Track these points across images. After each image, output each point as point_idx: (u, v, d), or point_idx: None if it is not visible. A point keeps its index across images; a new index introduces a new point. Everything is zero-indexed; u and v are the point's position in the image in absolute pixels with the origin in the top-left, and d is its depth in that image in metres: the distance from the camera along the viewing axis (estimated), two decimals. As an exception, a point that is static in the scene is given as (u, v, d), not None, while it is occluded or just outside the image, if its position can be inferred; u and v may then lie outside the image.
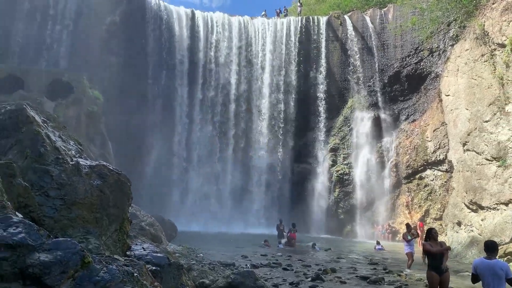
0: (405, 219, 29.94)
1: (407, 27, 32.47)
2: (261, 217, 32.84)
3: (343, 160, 33.35)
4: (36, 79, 27.14)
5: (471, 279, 7.44)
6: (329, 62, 35.27)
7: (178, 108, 34.24)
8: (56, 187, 8.19)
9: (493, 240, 7.81)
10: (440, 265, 9.11)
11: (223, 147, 34.58)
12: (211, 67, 35.38)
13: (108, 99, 30.13)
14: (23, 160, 8.34)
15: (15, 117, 8.63)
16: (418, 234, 22.25)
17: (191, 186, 33.31)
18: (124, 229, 9.23)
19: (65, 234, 7.77)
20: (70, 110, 27.13)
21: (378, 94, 33.81)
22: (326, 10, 39.41)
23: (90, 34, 31.79)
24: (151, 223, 17.88)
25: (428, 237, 9.57)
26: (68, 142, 9.64)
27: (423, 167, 29.92)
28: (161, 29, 34.59)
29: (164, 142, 32.65)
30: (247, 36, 36.43)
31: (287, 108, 35.20)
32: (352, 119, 33.83)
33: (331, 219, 32.41)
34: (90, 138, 27.76)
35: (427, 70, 31.65)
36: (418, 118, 31.50)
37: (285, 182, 34.12)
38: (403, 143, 31.38)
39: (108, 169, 9.23)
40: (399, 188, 31.24)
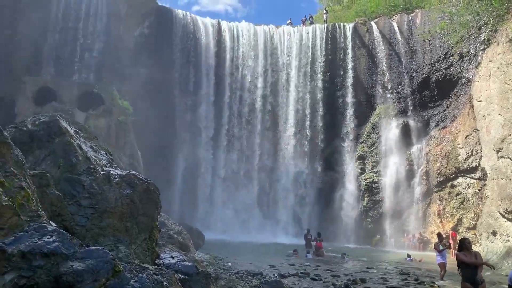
0: (437, 228, 29.14)
1: (436, 32, 31.87)
2: (289, 227, 32.66)
3: (371, 168, 32.84)
4: (68, 91, 27.97)
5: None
6: (356, 69, 34.95)
7: (204, 117, 34.56)
8: (88, 196, 8.36)
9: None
10: (475, 277, 8.79)
11: (250, 156, 34.64)
12: (237, 76, 35.64)
13: (137, 109, 30.73)
14: (56, 170, 8.56)
15: (49, 128, 8.88)
16: (451, 244, 21.62)
17: (218, 195, 33.45)
18: (153, 238, 9.33)
19: (96, 243, 7.91)
20: (101, 121, 27.79)
21: (406, 100, 33.22)
22: (352, 17, 39.17)
23: (120, 46, 32.60)
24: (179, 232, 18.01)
25: (461, 247, 9.28)
26: (99, 152, 9.85)
27: (454, 174, 29.13)
28: (188, 39, 35.14)
29: (191, 151, 32.99)
30: (273, 45, 36.56)
31: (314, 116, 35.00)
32: (380, 126, 33.32)
33: (359, 228, 31.89)
34: (120, 148, 28.32)
35: (457, 76, 30.93)
36: (448, 125, 30.74)
37: (313, 190, 33.84)
38: (434, 150, 30.67)
39: (137, 178, 9.37)
40: (430, 197, 30.49)
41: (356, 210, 32.30)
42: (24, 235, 4.54)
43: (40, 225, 4.80)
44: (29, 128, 8.84)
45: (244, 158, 34.60)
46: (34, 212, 5.12)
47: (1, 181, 4.87)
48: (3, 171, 4.98)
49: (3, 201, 4.62)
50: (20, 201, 4.97)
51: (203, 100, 34.66)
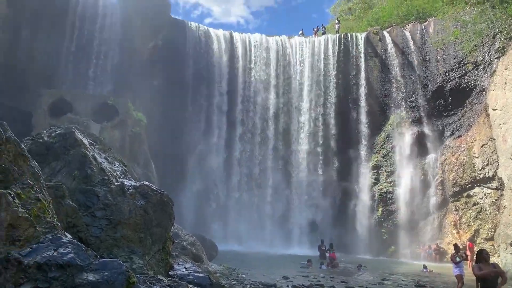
0: (453, 239, 28.66)
1: (449, 40, 31.66)
2: (303, 237, 32.41)
3: (386, 178, 32.52)
4: (83, 103, 28.37)
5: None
6: (369, 79, 34.82)
7: (217, 127, 34.69)
8: (102, 208, 8.43)
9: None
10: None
11: (263, 167, 34.60)
12: (249, 86, 35.78)
13: (151, 120, 31.06)
14: (72, 181, 8.66)
15: (64, 140, 9.01)
16: (468, 255, 21.22)
17: (232, 206, 33.40)
18: (167, 249, 9.35)
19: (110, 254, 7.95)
20: (115, 132, 28.09)
21: (420, 109, 32.94)
22: (364, 27, 39.16)
23: (134, 58, 33.03)
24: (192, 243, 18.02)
25: (479, 258, 9.07)
26: (113, 164, 9.94)
27: (471, 184, 28.67)
28: (200, 51, 35.47)
29: (203, 162, 33.10)
30: (285, 56, 36.68)
31: (327, 126, 34.86)
32: (394, 135, 33.05)
33: (374, 239, 31.49)
34: (134, 159, 28.55)
35: (472, 84, 30.61)
36: (464, 134, 30.35)
37: (327, 201, 33.57)
38: (449, 159, 30.26)
39: (151, 189, 9.43)
40: (445, 207, 30.03)
41: (371, 221, 31.95)
42: (40, 247, 4.59)
43: (55, 237, 4.85)
44: (45, 140, 8.99)
45: (257, 168, 34.57)
46: (50, 223, 5.18)
47: (18, 193, 4.94)
48: (20, 183, 5.06)
49: (20, 213, 4.69)
50: (37, 213, 5.03)
51: (215, 111, 34.82)
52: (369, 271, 21.73)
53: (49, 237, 4.78)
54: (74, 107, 27.93)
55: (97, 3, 33.18)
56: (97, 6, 32.98)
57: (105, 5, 33.60)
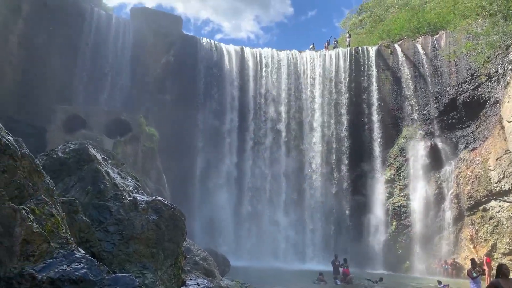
0: (470, 254, 28.07)
1: (461, 52, 31.49)
2: (316, 252, 32.05)
3: (399, 192, 32.13)
4: (96, 119, 28.71)
5: None
6: (381, 91, 34.70)
7: (228, 142, 34.71)
8: (115, 223, 8.45)
9: None
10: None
11: (275, 181, 34.44)
12: (261, 101, 35.87)
13: (163, 135, 31.27)
14: (85, 196, 8.72)
15: (78, 156, 9.10)
16: (485, 270, 20.75)
17: (243, 220, 33.25)
18: (179, 264, 9.30)
19: (122, 269, 7.94)
20: (128, 147, 28.31)
21: (434, 122, 32.66)
22: (375, 40, 39.19)
23: (146, 74, 33.48)
24: (204, 258, 17.92)
25: (498, 273, 8.82)
26: (126, 179, 9.99)
27: (487, 198, 28.17)
28: (212, 66, 35.75)
29: (215, 178, 33.10)
30: (296, 70, 36.78)
31: (340, 140, 34.71)
32: (407, 148, 32.74)
33: (389, 254, 31.01)
34: (146, 173, 28.71)
35: (485, 96, 30.30)
36: (478, 146, 29.94)
37: (340, 215, 33.24)
38: (464, 172, 29.82)
39: (163, 204, 9.44)
40: (461, 221, 29.50)
41: (385, 235, 31.50)
42: (54, 262, 4.61)
43: (69, 252, 4.87)
44: (59, 155, 9.08)
45: (269, 183, 34.43)
46: (64, 238, 5.20)
47: (33, 208, 4.98)
48: (34, 198, 5.11)
49: (34, 228, 4.72)
50: (50, 228, 5.06)
51: (227, 126, 34.90)
52: (384, 287, 21.34)
53: (63, 252, 4.79)
54: (88, 122, 28.27)
55: (111, 20, 33.81)
56: (111, 23, 33.59)
57: (118, 22, 34.22)
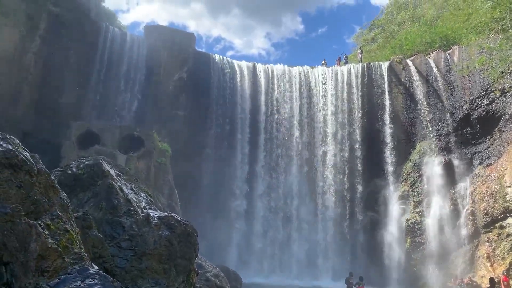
0: (487, 272, 27.43)
1: (475, 67, 31.28)
2: (330, 270, 31.61)
3: (413, 208, 31.68)
4: (110, 134, 29.04)
5: None
6: (394, 107, 34.54)
7: (239, 159, 34.68)
8: (128, 238, 8.46)
9: None
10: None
11: (288, 198, 34.25)
12: (273, 117, 35.94)
13: (175, 150, 31.44)
14: (98, 212, 8.77)
15: (92, 172, 9.18)
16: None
17: (256, 237, 33.01)
18: (191, 281, 9.25)
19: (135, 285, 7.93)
20: (141, 163, 28.51)
21: (448, 137, 32.32)
22: (387, 55, 39.20)
23: (160, 90, 33.89)
24: (216, 274, 17.81)
25: None
26: (139, 194, 10.03)
27: (503, 214, 27.62)
28: (224, 82, 36.05)
29: (226, 195, 33.04)
30: (308, 86, 36.85)
31: (353, 156, 34.46)
32: (421, 164, 32.37)
33: (404, 272, 30.44)
34: (159, 189, 28.82)
35: (500, 111, 29.95)
36: (494, 162, 29.49)
37: (354, 232, 32.82)
38: (479, 189, 29.34)
39: (176, 220, 9.43)
40: (477, 238, 28.92)
41: (399, 252, 30.98)
42: (68, 278, 4.61)
43: (83, 268, 4.87)
44: (74, 171, 9.17)
45: (281, 200, 34.25)
46: (78, 254, 5.21)
47: (48, 224, 5.02)
48: (49, 214, 5.15)
49: (49, 244, 4.74)
50: (65, 244, 5.08)
51: (238, 143, 34.97)
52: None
53: (77, 268, 4.80)
54: (101, 138, 28.59)
55: (125, 37, 34.44)
56: (125, 40, 34.21)
57: (132, 39, 34.85)
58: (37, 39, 30.13)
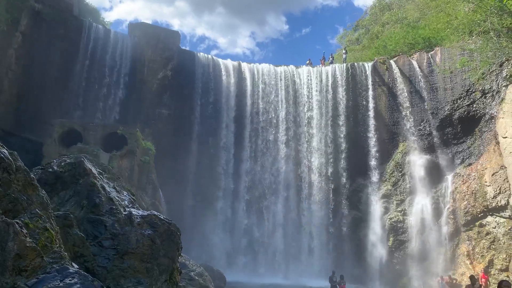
0: (467, 270, 27.96)
1: (456, 69, 31.78)
2: (313, 268, 31.78)
3: (396, 207, 32.07)
4: (92, 133, 28.67)
5: None
6: (377, 107, 34.88)
7: (224, 157, 34.62)
8: (110, 237, 8.38)
9: None
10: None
11: (272, 196, 34.34)
12: (258, 117, 35.94)
13: (159, 149, 31.24)
14: (80, 210, 8.66)
15: (73, 170, 9.06)
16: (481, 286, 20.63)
17: (240, 236, 33.02)
18: (174, 280, 9.21)
19: (117, 285, 7.85)
20: (124, 161, 28.23)
21: (429, 137, 32.79)
22: (371, 56, 39.56)
23: (144, 88, 33.60)
24: (200, 273, 17.77)
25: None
26: (121, 193, 9.94)
27: (483, 213, 28.16)
28: (209, 81, 35.90)
29: (211, 193, 32.97)
30: (294, 85, 36.95)
31: (337, 155, 34.70)
32: (404, 164, 32.79)
33: (386, 270, 30.81)
34: (142, 188, 28.59)
35: (480, 112, 30.51)
36: (474, 162, 30.04)
37: (337, 230, 33.07)
38: (460, 188, 29.85)
39: (159, 219, 9.38)
40: (458, 237, 29.42)
41: (382, 251, 31.34)
42: (47, 277, 4.55)
43: (62, 267, 4.81)
44: (55, 169, 9.04)
45: (266, 198, 34.30)
46: (57, 253, 5.14)
47: (26, 222, 4.94)
48: (28, 212, 5.07)
49: (28, 243, 4.67)
50: (44, 242, 5.01)
51: (223, 141, 34.89)
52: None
53: (56, 267, 4.74)
54: (84, 136, 28.23)
55: (109, 35, 34.01)
56: (108, 37, 33.79)
57: (116, 36, 34.43)
58: (18, 35, 29.60)
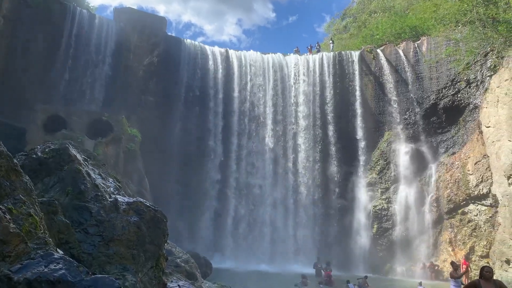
0: (449, 256, 28.57)
1: (442, 58, 32.05)
2: (300, 255, 32.11)
3: (380, 195, 32.49)
4: (77, 119, 28.30)
5: None
6: (364, 96, 35.05)
7: (212, 144, 34.56)
8: (95, 224, 8.34)
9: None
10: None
11: (260, 183, 34.42)
12: (245, 104, 35.83)
13: (145, 136, 31.01)
14: (65, 197, 8.58)
15: (58, 156, 8.96)
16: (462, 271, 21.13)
17: (227, 223, 33.14)
18: (160, 266, 9.23)
19: (102, 271, 7.84)
20: (110, 148, 27.98)
21: (415, 126, 33.14)
22: (358, 44, 39.61)
23: (129, 75, 33.16)
24: (186, 260, 17.79)
25: (480, 275, 8.96)
26: (107, 180, 9.87)
27: (465, 201, 28.71)
28: (196, 68, 35.61)
29: (199, 178, 32.93)
30: (282, 73, 36.87)
31: (324, 144, 34.86)
32: (389, 152, 33.14)
33: (370, 257, 31.30)
34: (128, 175, 28.41)
35: (465, 102, 30.90)
36: (458, 151, 30.51)
37: (323, 218, 33.37)
38: (443, 176, 30.34)
39: (145, 206, 9.35)
40: (440, 224, 29.98)
41: (366, 238, 31.79)
42: (31, 263, 4.52)
43: (47, 253, 4.78)
44: (39, 155, 8.93)
45: (254, 186, 34.37)
46: (42, 239, 5.11)
47: (10, 208, 4.89)
48: (12, 198, 5.01)
49: (11, 228, 4.62)
50: (28, 228, 4.97)
51: (211, 128, 34.76)
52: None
53: (40, 253, 4.71)
54: (69, 123, 27.86)
55: (93, 20, 33.40)
56: (93, 22, 33.19)
57: (101, 21, 33.83)
58: (0, 19, 28.89)
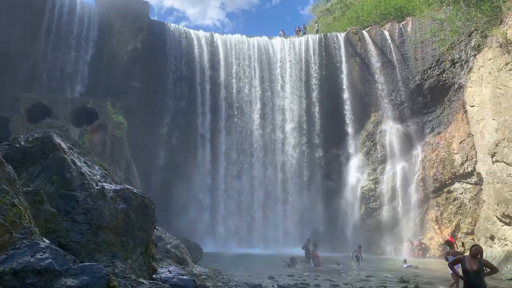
0: (435, 234, 29.16)
1: (427, 39, 32.15)
2: (288, 237, 32.46)
3: (367, 176, 32.83)
4: (62, 107, 27.90)
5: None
6: (350, 77, 35.11)
7: (199, 129, 34.45)
8: (82, 212, 8.29)
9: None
10: (473, 285, 8.69)
11: (248, 167, 34.52)
12: (232, 88, 35.66)
13: (131, 123, 30.74)
14: (50, 186, 8.50)
15: (42, 145, 8.83)
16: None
17: (216, 206, 33.25)
18: (149, 252, 9.25)
19: (92, 259, 7.83)
20: (95, 136, 27.70)
21: (401, 107, 33.39)
22: (343, 26, 39.49)
23: (113, 61, 32.66)
24: (176, 246, 17.84)
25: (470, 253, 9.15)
26: (93, 167, 9.79)
27: (451, 180, 29.18)
28: (181, 52, 35.22)
29: (187, 166, 32.86)
30: (268, 56, 36.69)
31: (311, 125, 35.01)
32: (375, 133, 33.41)
33: (358, 237, 31.66)
34: (115, 162, 28.22)
35: (450, 82, 31.15)
36: (443, 131, 30.87)
37: (312, 200, 33.71)
38: (429, 156, 30.73)
39: (132, 193, 9.31)
40: (427, 203, 30.48)
41: (354, 219, 32.22)
42: (17, 253, 4.48)
43: (32, 242, 4.75)
44: (22, 144, 8.80)
45: (241, 169, 34.46)
46: (27, 229, 5.06)
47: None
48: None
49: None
50: (12, 218, 4.91)
51: (197, 113, 34.59)
52: (353, 269, 21.90)
53: (26, 243, 4.67)
54: (53, 111, 27.46)
55: (74, 5, 32.67)
56: (74, 8, 32.48)
57: (82, 7, 33.12)
58: (-22, 6, 28.11)
